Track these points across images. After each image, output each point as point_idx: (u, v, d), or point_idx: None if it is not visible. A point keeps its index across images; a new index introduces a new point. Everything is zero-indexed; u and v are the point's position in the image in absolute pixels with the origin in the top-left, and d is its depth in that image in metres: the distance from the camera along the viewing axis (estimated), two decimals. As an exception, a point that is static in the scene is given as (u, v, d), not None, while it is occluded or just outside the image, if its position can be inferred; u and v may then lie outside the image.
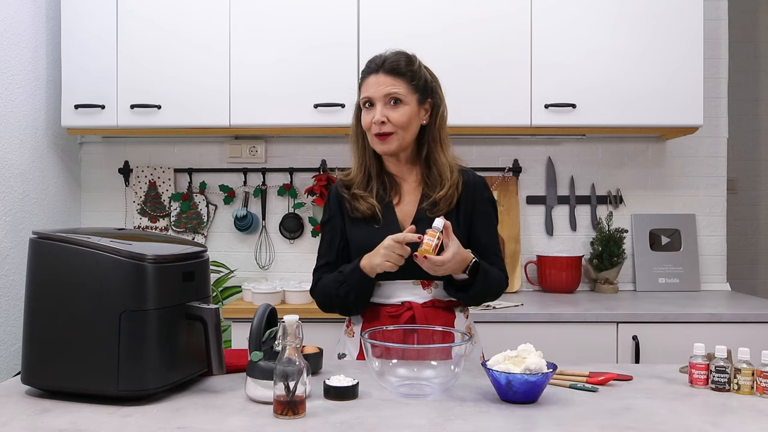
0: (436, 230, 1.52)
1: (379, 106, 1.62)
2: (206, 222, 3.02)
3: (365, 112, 1.65)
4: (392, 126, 1.62)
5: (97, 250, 1.26)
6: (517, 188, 2.98)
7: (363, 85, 1.67)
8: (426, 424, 1.16)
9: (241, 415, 1.20)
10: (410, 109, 1.63)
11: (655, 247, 2.96)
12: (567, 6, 2.63)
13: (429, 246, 1.50)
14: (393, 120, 1.61)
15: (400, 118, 1.62)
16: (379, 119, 1.61)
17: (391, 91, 1.62)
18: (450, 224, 1.54)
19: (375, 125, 1.62)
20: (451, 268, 1.55)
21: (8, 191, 2.50)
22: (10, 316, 2.49)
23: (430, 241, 1.51)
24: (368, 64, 1.68)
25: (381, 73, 1.63)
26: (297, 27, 2.66)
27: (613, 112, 2.62)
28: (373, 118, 1.62)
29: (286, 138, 3.02)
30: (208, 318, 1.33)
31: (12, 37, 2.53)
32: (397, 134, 1.63)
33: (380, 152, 1.66)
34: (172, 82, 2.66)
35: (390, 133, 1.62)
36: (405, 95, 1.63)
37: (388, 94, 1.62)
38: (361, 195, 1.67)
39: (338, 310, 1.69)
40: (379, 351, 1.33)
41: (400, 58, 1.65)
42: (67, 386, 1.27)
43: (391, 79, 1.63)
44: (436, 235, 1.51)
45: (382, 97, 1.62)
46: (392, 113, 1.61)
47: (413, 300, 1.65)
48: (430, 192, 1.67)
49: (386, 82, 1.62)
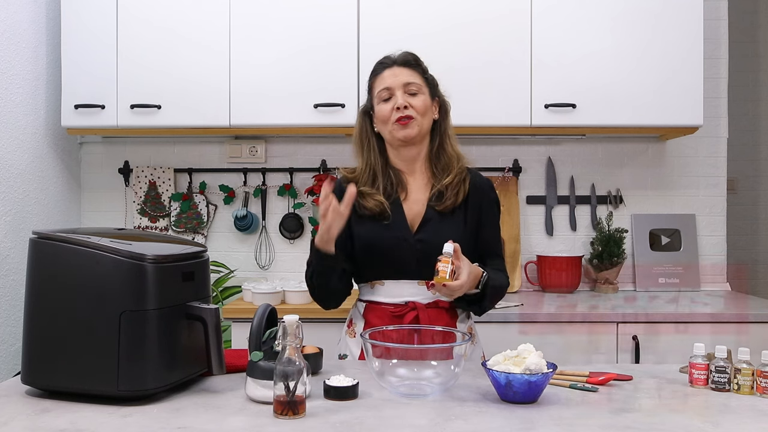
0: (448, 256, 1.51)
1: (399, 94, 1.66)
2: (206, 222, 3.02)
3: (383, 105, 1.68)
4: (413, 111, 1.65)
5: (97, 250, 1.26)
6: (517, 188, 2.98)
7: (377, 80, 1.70)
8: (426, 424, 1.16)
9: (241, 415, 1.20)
10: (426, 99, 1.68)
11: (655, 247, 2.96)
12: (567, 6, 2.63)
13: (445, 272, 1.50)
14: (414, 105, 1.66)
15: (420, 104, 1.66)
16: (402, 103, 1.65)
17: (410, 80, 1.67)
18: (459, 247, 1.54)
19: (396, 111, 1.65)
20: (466, 289, 1.56)
21: (8, 191, 2.50)
22: (10, 316, 2.49)
23: (445, 267, 1.50)
24: (380, 62, 1.72)
25: (396, 67, 1.69)
26: (297, 27, 2.66)
27: (613, 112, 2.62)
28: (395, 104, 1.65)
29: (286, 138, 3.02)
30: (208, 318, 1.33)
31: (12, 37, 2.53)
32: (416, 120, 1.66)
33: (402, 138, 1.67)
34: (172, 82, 2.66)
35: (411, 117, 1.65)
36: (421, 86, 1.68)
37: (407, 83, 1.67)
38: (368, 192, 1.68)
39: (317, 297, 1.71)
40: (380, 351, 1.33)
41: (410, 55, 1.71)
42: (67, 386, 1.27)
43: (407, 71, 1.68)
44: (449, 261, 1.51)
45: (401, 85, 1.66)
46: (412, 100, 1.66)
47: (417, 300, 1.65)
48: (436, 183, 1.69)
49: (403, 73, 1.67)
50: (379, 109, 1.68)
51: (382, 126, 1.69)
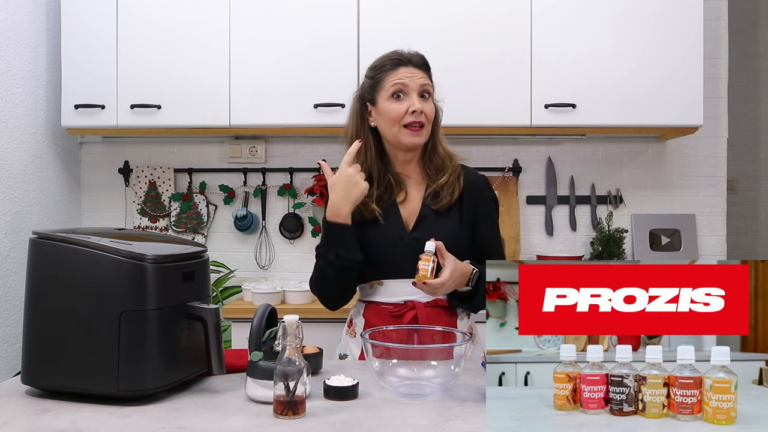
0: (429, 254, 1.52)
1: (415, 96, 1.61)
2: (206, 222, 3.02)
3: (395, 103, 1.61)
4: (424, 117, 1.61)
5: (97, 250, 1.26)
6: (517, 188, 2.98)
7: (391, 75, 1.62)
8: (426, 424, 1.16)
9: (241, 415, 1.20)
10: (433, 104, 1.65)
11: (655, 247, 2.96)
12: (567, 6, 2.63)
13: (425, 271, 1.51)
14: (426, 112, 1.61)
15: (431, 111, 1.63)
16: (420, 108, 1.59)
17: (426, 83, 1.63)
18: (442, 244, 1.54)
19: (410, 115, 1.59)
20: (451, 286, 1.55)
21: (8, 191, 2.50)
22: (10, 316, 2.49)
23: (426, 265, 1.51)
24: (395, 57, 1.64)
25: (411, 66, 1.63)
26: (297, 27, 2.66)
27: (613, 112, 2.62)
28: (411, 106, 1.59)
29: (286, 138, 3.02)
30: (208, 318, 1.33)
31: (12, 37, 2.53)
32: (426, 128, 1.63)
33: (411, 144, 1.63)
34: (172, 82, 2.66)
35: (423, 124, 1.62)
36: (432, 91, 1.65)
37: (423, 85, 1.62)
38: (363, 202, 1.63)
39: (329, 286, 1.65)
40: (380, 351, 1.33)
41: (423, 57, 1.67)
42: (67, 386, 1.27)
43: (422, 73, 1.63)
44: (430, 259, 1.51)
45: (417, 87, 1.61)
46: (425, 106, 1.62)
47: (416, 299, 1.65)
48: (431, 183, 1.68)
49: (419, 75, 1.62)
50: (388, 106, 1.61)
51: (386, 125, 1.63)
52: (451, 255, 1.55)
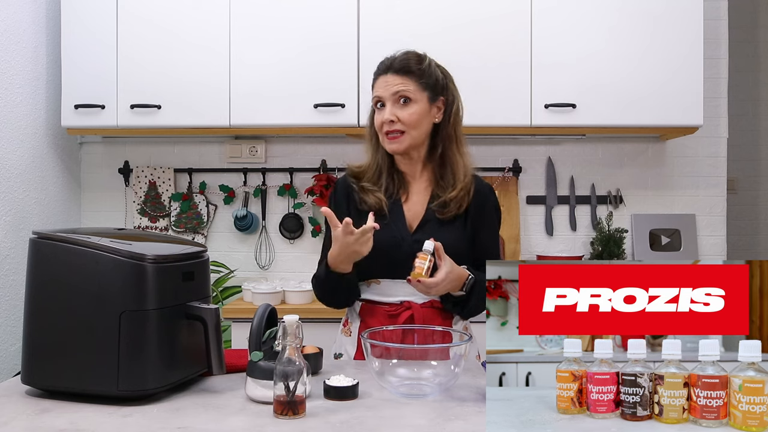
0: (426, 252, 1.53)
1: (389, 106, 1.63)
2: (206, 222, 3.02)
3: (377, 113, 1.66)
4: (402, 125, 1.62)
5: (97, 250, 1.26)
6: (517, 188, 2.98)
7: (374, 87, 1.68)
8: (426, 424, 1.16)
9: (241, 415, 1.20)
10: (420, 107, 1.63)
11: (655, 247, 2.96)
12: (567, 6, 2.63)
13: (421, 269, 1.51)
14: (402, 119, 1.62)
15: (409, 117, 1.62)
16: (388, 118, 1.62)
17: (400, 89, 1.62)
18: (441, 245, 1.54)
19: (385, 124, 1.63)
20: (445, 288, 1.56)
21: (8, 191, 2.50)
22: (10, 316, 2.49)
23: (422, 264, 1.52)
24: (378, 65, 1.69)
25: (390, 74, 1.64)
26: (297, 27, 2.66)
27: (613, 112, 2.62)
28: (383, 117, 1.63)
29: (286, 138, 3.02)
30: (208, 318, 1.33)
31: (12, 37, 2.53)
32: (408, 133, 1.63)
33: (391, 151, 1.66)
34: (172, 82, 2.66)
35: (401, 132, 1.63)
36: (414, 93, 1.63)
37: (396, 93, 1.62)
38: (370, 188, 1.68)
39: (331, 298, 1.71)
40: (379, 351, 1.33)
41: (410, 57, 1.66)
42: (67, 386, 1.27)
43: (399, 78, 1.63)
44: (427, 258, 1.52)
45: (390, 96, 1.63)
46: (401, 112, 1.62)
47: (412, 300, 1.65)
48: (440, 192, 1.67)
49: (394, 82, 1.63)
50: (375, 116, 1.68)
51: (378, 132, 1.68)
52: (448, 257, 1.55)
